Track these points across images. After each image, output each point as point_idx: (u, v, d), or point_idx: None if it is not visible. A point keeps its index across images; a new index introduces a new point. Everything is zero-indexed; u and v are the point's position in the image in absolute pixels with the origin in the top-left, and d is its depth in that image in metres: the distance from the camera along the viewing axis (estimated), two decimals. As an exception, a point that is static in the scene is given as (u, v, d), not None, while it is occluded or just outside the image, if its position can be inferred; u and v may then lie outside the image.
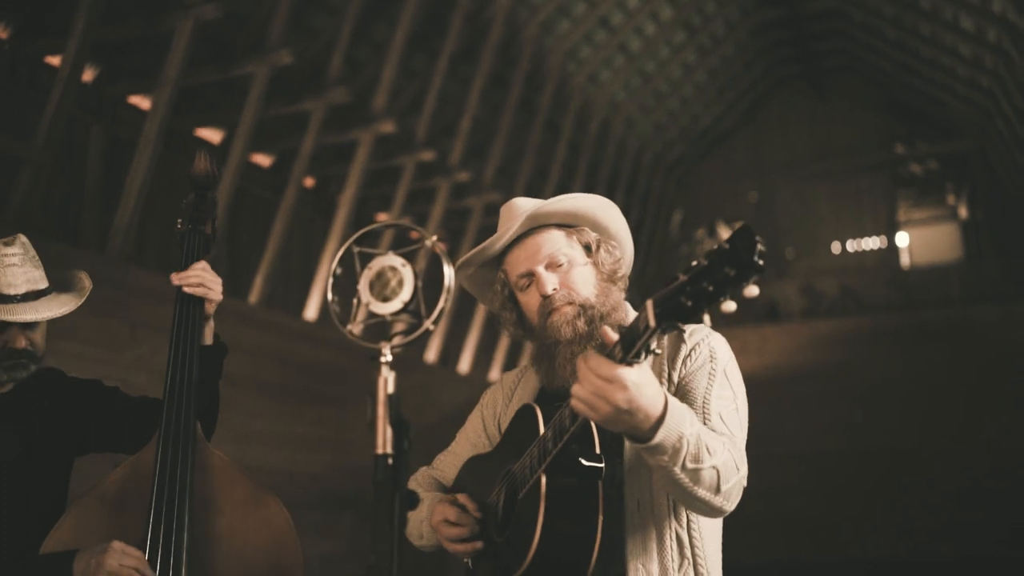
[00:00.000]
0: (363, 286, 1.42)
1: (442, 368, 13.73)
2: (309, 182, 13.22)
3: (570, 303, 1.94)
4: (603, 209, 2.04)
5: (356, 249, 1.49)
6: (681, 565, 1.79)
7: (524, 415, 1.87)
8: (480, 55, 13.53)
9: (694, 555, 1.81)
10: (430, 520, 1.94)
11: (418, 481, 2.19)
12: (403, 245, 1.50)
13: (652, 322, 1.43)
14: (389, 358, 1.29)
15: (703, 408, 1.80)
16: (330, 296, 1.48)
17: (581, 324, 1.91)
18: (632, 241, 2.14)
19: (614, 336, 1.55)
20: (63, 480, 2.31)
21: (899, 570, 16.09)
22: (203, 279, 2.26)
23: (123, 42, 9.65)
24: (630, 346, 1.49)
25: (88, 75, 9.81)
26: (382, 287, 1.41)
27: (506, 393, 2.15)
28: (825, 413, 18.14)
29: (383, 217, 13.78)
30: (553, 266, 1.97)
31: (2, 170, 8.01)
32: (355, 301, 1.43)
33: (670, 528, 1.80)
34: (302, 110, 10.92)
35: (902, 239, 21.94)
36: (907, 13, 17.29)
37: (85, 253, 8.39)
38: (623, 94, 18.43)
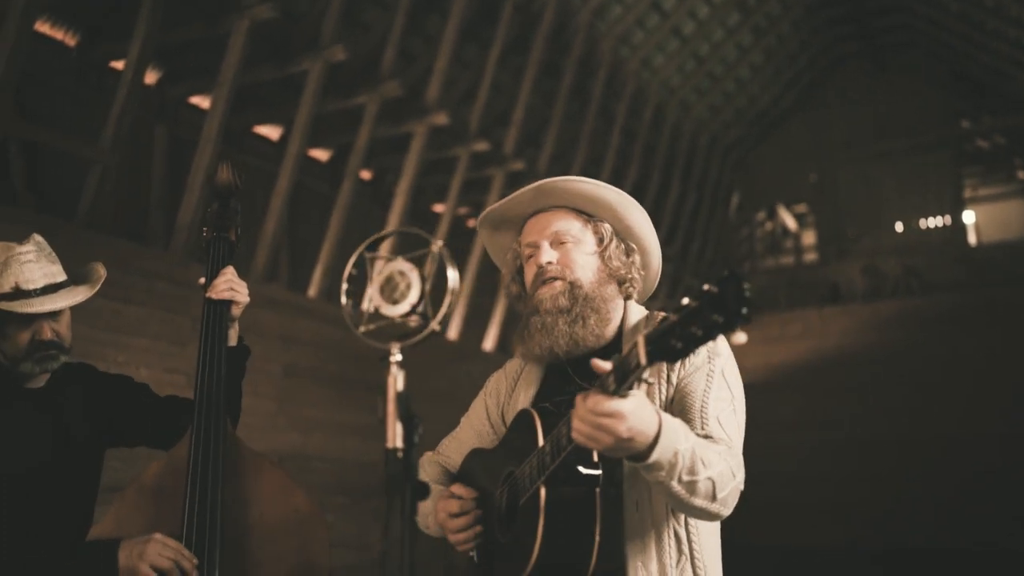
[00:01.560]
0: (374, 290, 1.53)
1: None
2: (366, 175, 13.45)
3: (561, 278, 2.00)
4: (626, 207, 2.07)
5: (368, 255, 1.61)
6: (679, 561, 1.85)
7: (523, 420, 1.91)
8: (532, 44, 13.58)
9: (691, 551, 1.86)
10: (435, 514, 2.03)
11: (424, 469, 2.25)
12: (413, 250, 1.60)
13: (644, 360, 1.50)
14: (399, 358, 1.40)
15: (701, 411, 1.85)
16: (343, 300, 1.60)
17: (564, 300, 1.97)
18: (659, 250, 2.16)
19: (606, 367, 1.61)
20: (95, 472, 2.45)
21: (958, 559, 15.78)
22: (232, 284, 2.39)
23: (183, 44, 9.94)
24: (623, 380, 1.55)
25: (151, 78, 10.14)
26: (391, 290, 1.53)
27: (509, 382, 2.19)
28: (888, 398, 17.85)
29: (439, 208, 13.94)
30: (557, 243, 2.03)
31: (73, 172, 8.35)
32: (366, 304, 1.55)
33: (668, 526, 1.86)
34: (357, 104, 11.12)
35: (969, 216, 21.42)
36: (969, -15, 16.86)
37: (151, 251, 8.69)
38: (677, 78, 18.29)
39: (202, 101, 10.60)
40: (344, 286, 1.60)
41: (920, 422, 17.44)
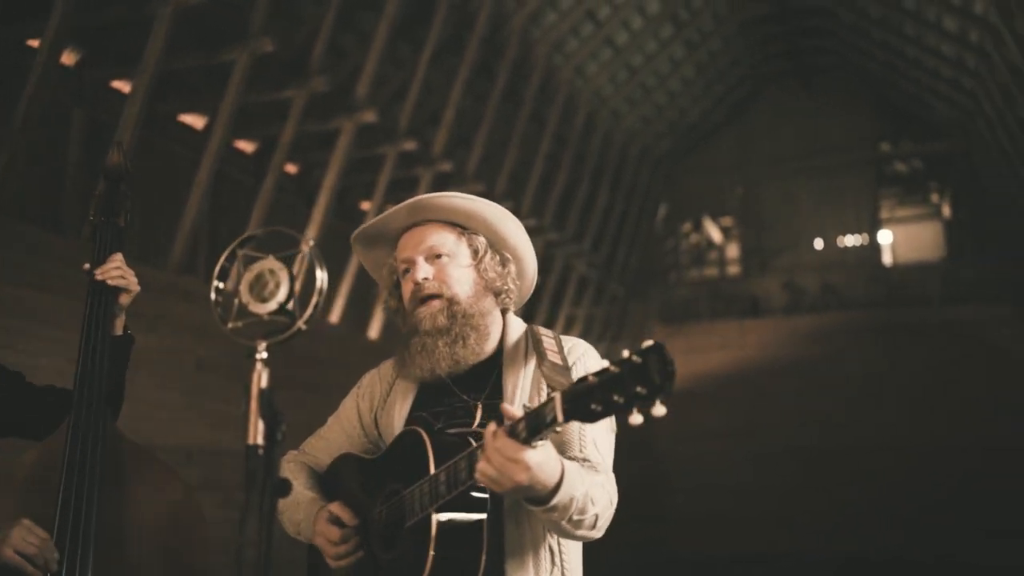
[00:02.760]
0: (243, 287, 1.52)
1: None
2: (292, 169, 13.28)
3: (438, 296, 2.00)
4: (501, 220, 2.07)
5: (240, 252, 1.60)
6: (552, 572, 1.91)
7: (411, 441, 1.91)
8: (466, 45, 13.60)
9: (562, 562, 1.93)
10: (311, 532, 2.00)
11: (289, 468, 2.20)
12: (285, 249, 1.60)
13: (560, 417, 1.52)
14: (264, 355, 1.39)
15: (580, 434, 1.89)
16: (212, 296, 1.58)
17: (443, 319, 1.98)
18: (535, 258, 2.18)
19: (517, 414, 1.62)
20: None
21: (869, 567, 16.29)
22: (123, 272, 2.32)
23: (105, 26, 9.69)
24: (535, 432, 1.58)
25: (70, 59, 9.85)
26: (261, 288, 1.52)
27: (384, 386, 2.17)
28: (804, 408, 18.33)
29: (366, 205, 13.85)
30: (432, 257, 2.03)
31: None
32: (235, 301, 1.53)
33: (544, 541, 1.91)
34: (284, 97, 10.98)
35: (885, 237, 22.10)
36: (893, 13, 17.39)
37: (64, 239, 8.45)
38: (610, 87, 18.50)
39: (124, 86, 10.35)
40: (214, 283, 1.58)
41: (836, 433, 17.95)
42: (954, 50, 16.71)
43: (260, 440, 1.31)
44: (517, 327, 2.10)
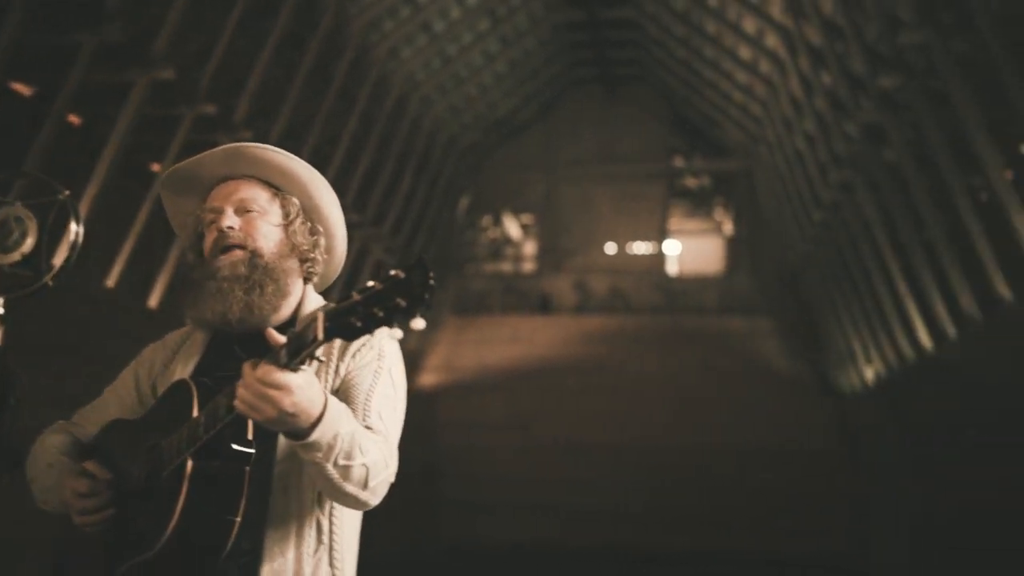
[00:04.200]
0: (-16, 234, 1.37)
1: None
2: (75, 120, 12.35)
3: (242, 247, 1.94)
4: (317, 186, 2.03)
5: (-16, 197, 1.44)
6: (317, 550, 1.85)
7: (178, 390, 1.85)
8: (278, 10, 13.12)
9: (331, 541, 1.87)
10: (60, 491, 1.87)
11: (46, 436, 2.04)
12: (38, 196, 1.45)
13: (320, 335, 1.49)
14: (1, 311, 1.26)
15: (364, 404, 1.86)
16: (-50, 241, 1.42)
17: (243, 268, 1.92)
18: (345, 239, 2.14)
19: (280, 339, 1.59)
20: None
21: (633, 558, 17.16)
22: None
23: None
24: (296, 354, 1.55)
25: None
26: (4, 237, 1.37)
27: (167, 353, 2.08)
28: (588, 405, 19.05)
29: (157, 168, 13.10)
30: (242, 211, 1.97)
31: None
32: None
33: (312, 514, 1.85)
34: (73, 40, 10.18)
35: (672, 247, 23.29)
36: (694, 35, 18.34)
37: None
38: (423, 73, 18.43)
39: None
40: (-49, 227, 1.41)
41: (614, 430, 18.78)
42: (746, 77, 17.82)
43: (-11, 404, 1.17)
44: (315, 300, 2.06)
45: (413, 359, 20.18)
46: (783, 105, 16.51)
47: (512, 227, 24.21)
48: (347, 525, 1.91)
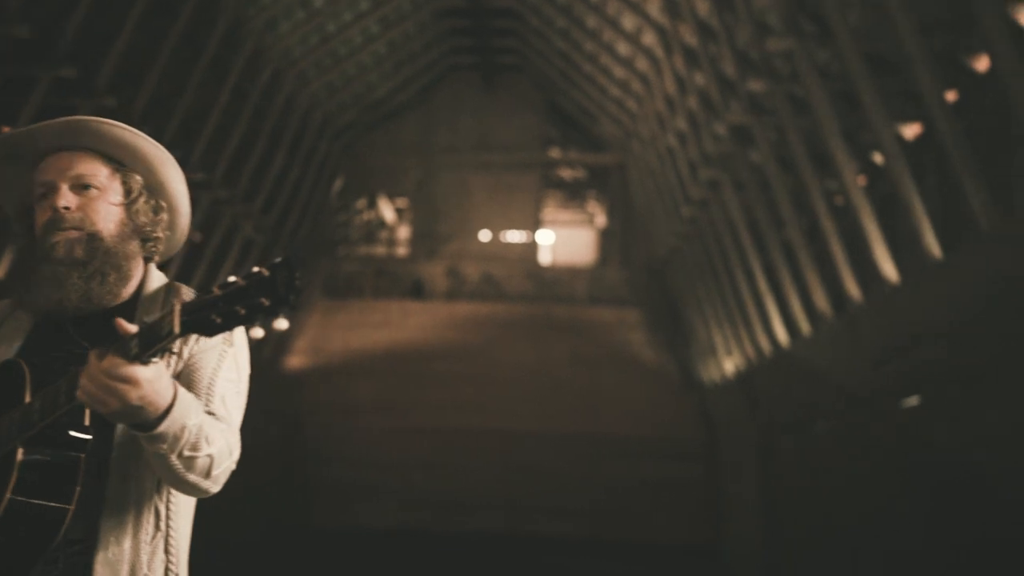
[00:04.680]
0: None
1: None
2: (-83, 74, 11.52)
3: (79, 228, 1.83)
4: (164, 164, 1.93)
5: None
6: (154, 537, 1.80)
7: (10, 371, 1.75)
8: (147, -25, 12.56)
9: (168, 527, 1.82)
10: None
11: None
12: None
13: (176, 329, 1.44)
14: None
15: (208, 389, 1.81)
16: None
17: (81, 252, 1.81)
18: (189, 212, 2.06)
19: (131, 329, 1.52)
20: None
21: (511, 543, 17.33)
22: None
23: None
24: (148, 347, 1.49)
25: None
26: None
27: None
28: (458, 391, 19.11)
29: (6, 129, 12.35)
30: (79, 187, 1.85)
31: None
32: None
33: (150, 502, 1.80)
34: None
35: (545, 237, 23.57)
36: (574, 28, 18.57)
37: None
38: (300, 49, 18.02)
39: None
40: None
41: (484, 415, 18.90)
42: (623, 73, 18.18)
43: None
44: (157, 279, 1.96)
45: (281, 341, 19.78)
46: (657, 102, 16.92)
47: (387, 211, 24.00)
48: (183, 511, 1.86)
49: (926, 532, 8.98)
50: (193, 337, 1.80)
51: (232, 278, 1.42)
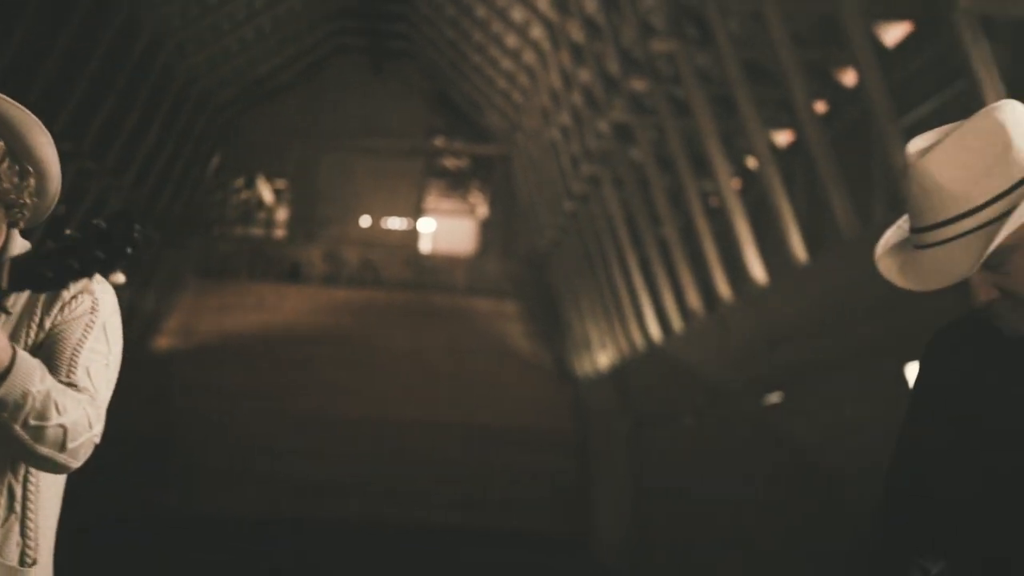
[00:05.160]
0: None
1: None
2: None
3: None
4: (29, 126, 1.86)
5: None
6: (7, 520, 1.71)
7: None
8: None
9: (25, 510, 1.74)
10: None
11: None
12: None
13: (3, 284, 1.39)
14: None
15: (71, 359, 1.73)
16: None
17: None
18: (59, 178, 1.98)
19: None
20: None
21: (382, 532, 17.20)
22: None
23: None
24: None
25: None
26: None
27: None
28: (333, 377, 18.86)
29: None
30: None
31: None
32: None
33: (3, 481, 1.72)
34: None
35: (426, 225, 23.49)
36: (464, 17, 18.53)
37: None
38: (179, 20, 17.37)
39: None
40: None
41: (362, 403, 18.73)
42: (511, 65, 18.25)
43: None
44: (20, 245, 1.87)
45: (150, 321, 19.08)
46: (543, 96, 17.07)
47: (265, 191, 23.44)
48: (46, 492, 1.77)
49: (783, 522, 9.38)
50: (57, 306, 1.76)
51: (67, 231, 1.38)
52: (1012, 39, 7.50)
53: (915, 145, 1.27)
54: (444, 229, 24.07)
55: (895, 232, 1.36)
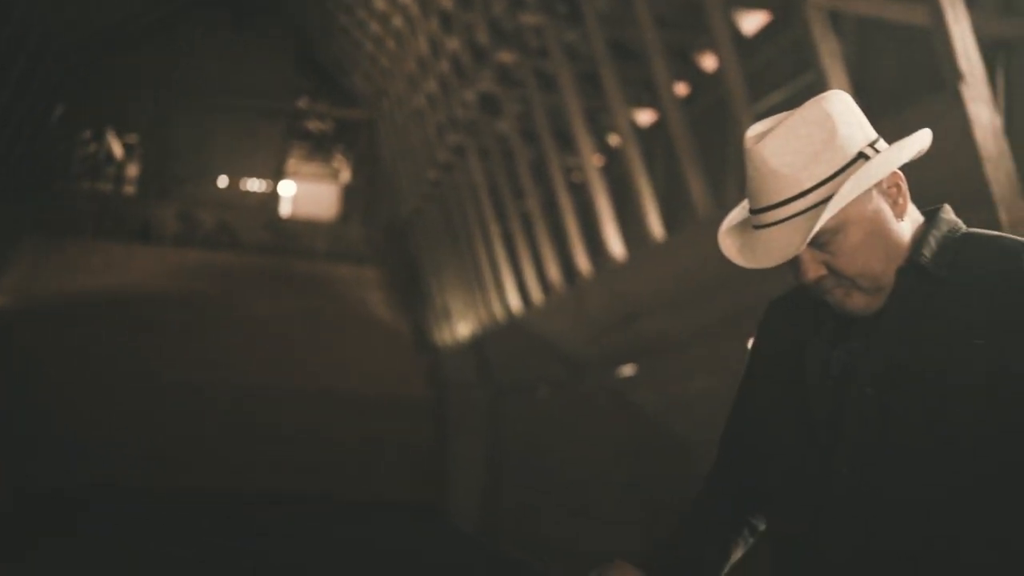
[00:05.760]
0: None
1: None
2: None
3: None
4: None
5: None
6: None
7: None
8: None
9: None
10: None
11: None
12: None
13: None
14: None
15: None
16: None
17: None
18: None
19: None
20: None
21: (237, 500, 16.76)
22: None
23: None
24: None
25: None
26: None
27: None
28: (186, 343, 18.16)
29: None
30: None
31: None
32: None
33: None
34: None
35: (287, 188, 22.89)
36: (331, -23, 18.06)
37: None
38: (21, -43, 16.20)
39: None
40: None
41: (218, 369, 18.11)
42: (379, 28, 17.92)
43: None
44: None
45: (-19, 280, 17.90)
46: (410, 63, 16.85)
47: (115, 145, 22.28)
48: None
49: (631, 494, 9.69)
50: None
51: None
52: (858, 35, 7.89)
53: (753, 131, 1.35)
54: (306, 193, 23.53)
55: (738, 212, 1.44)
